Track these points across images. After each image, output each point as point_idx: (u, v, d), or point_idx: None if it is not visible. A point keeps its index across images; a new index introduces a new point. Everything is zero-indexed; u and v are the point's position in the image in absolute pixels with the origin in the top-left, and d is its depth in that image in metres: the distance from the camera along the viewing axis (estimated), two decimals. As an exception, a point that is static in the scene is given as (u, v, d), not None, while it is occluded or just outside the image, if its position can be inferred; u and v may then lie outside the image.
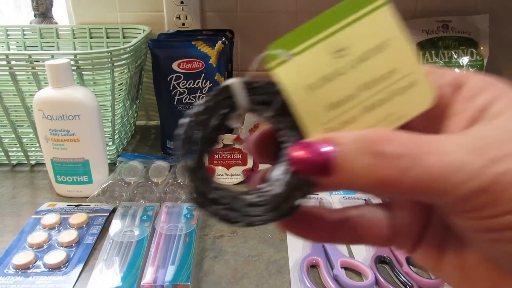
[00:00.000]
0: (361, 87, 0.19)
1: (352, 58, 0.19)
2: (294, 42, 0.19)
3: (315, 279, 0.46)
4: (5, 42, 0.83)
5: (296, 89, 0.19)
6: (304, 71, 0.19)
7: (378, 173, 0.16)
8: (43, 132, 0.57)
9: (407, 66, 0.19)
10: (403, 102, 0.19)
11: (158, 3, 0.83)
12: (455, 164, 0.15)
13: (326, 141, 0.18)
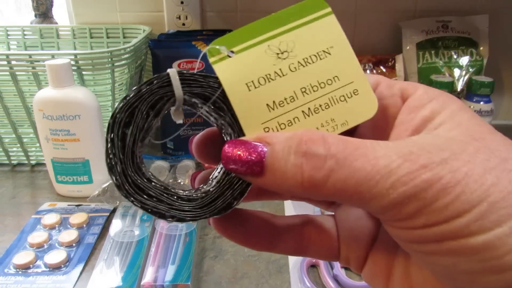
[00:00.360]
0: (302, 90, 0.19)
1: (294, 61, 0.19)
2: (238, 39, 0.19)
3: (315, 279, 0.46)
4: (5, 42, 0.83)
5: (235, 86, 0.19)
6: (245, 69, 0.19)
7: (304, 173, 0.16)
8: (44, 132, 0.57)
9: (350, 74, 0.19)
10: (346, 110, 0.19)
11: (158, 3, 0.83)
12: (383, 168, 0.15)
13: (259, 140, 0.17)
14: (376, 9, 0.82)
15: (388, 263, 0.20)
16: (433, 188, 0.14)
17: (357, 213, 0.22)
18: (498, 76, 0.87)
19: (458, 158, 0.15)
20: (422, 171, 0.14)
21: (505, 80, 0.88)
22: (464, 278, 0.15)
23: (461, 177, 0.14)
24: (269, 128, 0.19)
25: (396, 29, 0.83)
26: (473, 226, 0.14)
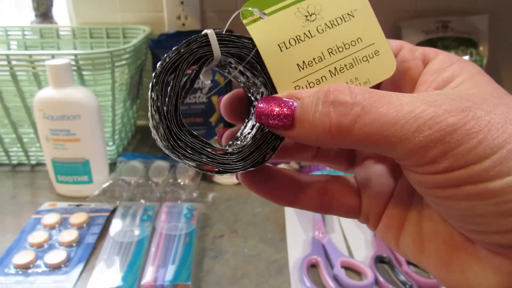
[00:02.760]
0: (329, 50, 0.20)
1: (321, 23, 0.20)
2: (269, 2, 0.20)
3: (315, 279, 0.46)
4: (5, 42, 0.83)
5: (268, 46, 0.20)
6: (276, 30, 0.20)
7: (332, 120, 0.16)
8: (44, 132, 0.57)
9: (372, 36, 0.21)
10: (368, 69, 0.20)
11: (158, 3, 0.83)
12: (408, 113, 0.15)
13: (290, 96, 0.19)
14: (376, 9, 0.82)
15: (401, 216, 0.21)
16: (458, 133, 0.15)
17: (377, 171, 0.23)
18: (498, 76, 0.87)
19: (481, 107, 0.15)
20: (447, 115, 0.15)
21: (505, 80, 0.88)
22: (479, 221, 0.16)
23: (484, 124, 0.15)
24: (299, 86, 0.20)
25: (396, 29, 0.83)
26: (492, 171, 0.15)
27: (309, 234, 0.52)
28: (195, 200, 0.60)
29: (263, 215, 0.57)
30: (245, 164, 0.20)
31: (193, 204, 0.57)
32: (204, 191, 0.63)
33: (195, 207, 0.56)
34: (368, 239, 0.52)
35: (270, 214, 0.58)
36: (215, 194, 0.63)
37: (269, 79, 0.20)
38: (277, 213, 0.58)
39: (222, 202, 0.61)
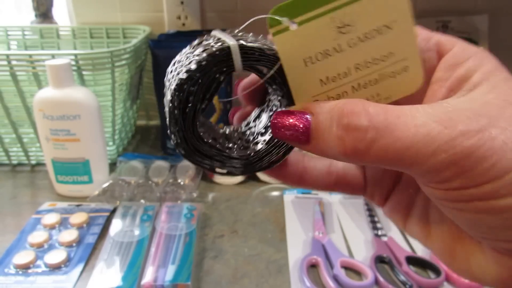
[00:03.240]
0: (356, 66, 0.19)
1: (353, 36, 0.18)
2: (300, 9, 0.18)
3: (315, 279, 0.46)
4: (5, 42, 0.83)
5: (293, 60, 0.19)
6: (304, 43, 0.18)
7: (347, 144, 0.16)
8: (44, 132, 0.57)
9: (406, 51, 0.19)
10: (392, 85, 0.19)
11: (158, 3, 0.83)
12: (423, 137, 0.15)
13: (304, 109, 0.18)
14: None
15: (409, 202, 0.21)
16: (472, 157, 0.15)
17: None
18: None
19: (496, 124, 0.15)
20: (461, 139, 0.15)
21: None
22: (487, 230, 0.16)
23: (499, 145, 0.15)
24: (318, 101, 0.19)
25: (396, 29, 0.83)
26: (503, 190, 0.15)
27: (309, 234, 0.52)
28: (195, 200, 0.60)
29: (263, 215, 0.57)
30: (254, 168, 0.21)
31: (193, 204, 0.57)
32: (204, 191, 0.63)
33: (195, 207, 0.56)
34: (368, 239, 0.52)
35: (270, 214, 0.58)
36: (215, 194, 0.63)
37: (288, 91, 0.20)
38: (277, 213, 0.58)
39: (222, 202, 0.61)
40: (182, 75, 0.19)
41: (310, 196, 0.61)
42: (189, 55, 0.20)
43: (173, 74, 0.20)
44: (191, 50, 0.20)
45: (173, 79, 0.20)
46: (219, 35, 0.20)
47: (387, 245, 0.50)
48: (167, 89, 0.21)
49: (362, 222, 0.55)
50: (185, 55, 0.21)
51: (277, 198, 0.61)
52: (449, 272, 0.45)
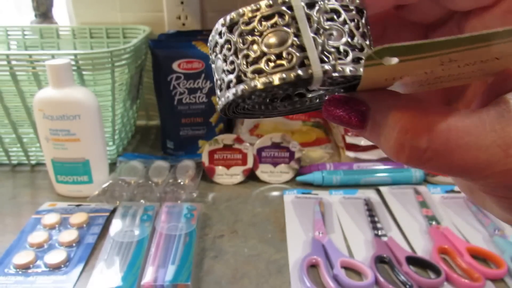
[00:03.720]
0: (446, 77, 0.17)
1: (454, 66, 0.16)
2: (413, 52, 0.15)
3: (315, 279, 0.46)
4: (5, 42, 0.83)
5: (374, 79, 0.16)
6: (397, 71, 0.16)
7: (401, 155, 0.16)
8: (44, 132, 0.57)
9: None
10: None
11: (158, 3, 0.83)
12: (483, 162, 0.15)
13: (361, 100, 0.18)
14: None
15: None
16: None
17: None
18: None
19: None
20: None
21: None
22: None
23: None
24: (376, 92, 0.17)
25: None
26: None
27: (309, 234, 0.52)
28: (195, 200, 0.60)
29: (263, 215, 0.57)
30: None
31: (193, 204, 0.57)
32: (204, 191, 0.63)
33: (195, 207, 0.56)
34: (368, 239, 0.52)
35: (270, 214, 0.58)
36: (215, 194, 0.63)
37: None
38: (277, 213, 0.58)
39: (222, 202, 0.61)
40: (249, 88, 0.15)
41: (310, 196, 0.61)
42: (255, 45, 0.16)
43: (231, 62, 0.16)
44: (258, 32, 0.16)
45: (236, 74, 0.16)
46: (297, 30, 0.15)
47: (387, 245, 0.50)
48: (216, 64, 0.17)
49: (362, 222, 0.55)
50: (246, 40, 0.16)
51: (277, 198, 0.61)
52: (449, 272, 0.45)
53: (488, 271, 0.45)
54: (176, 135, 0.73)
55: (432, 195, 0.61)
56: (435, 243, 0.50)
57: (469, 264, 0.46)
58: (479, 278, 0.44)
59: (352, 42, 0.16)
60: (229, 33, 0.16)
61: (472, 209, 0.57)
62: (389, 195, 0.61)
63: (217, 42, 0.17)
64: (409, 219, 0.56)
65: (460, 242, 0.50)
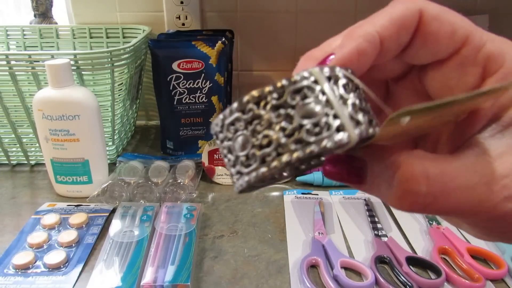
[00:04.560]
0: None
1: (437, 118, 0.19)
2: (424, 114, 0.17)
3: (315, 279, 0.45)
4: (5, 42, 0.83)
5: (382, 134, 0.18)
6: (404, 127, 0.18)
7: (403, 203, 0.18)
8: (43, 132, 0.57)
9: None
10: None
11: (158, 3, 0.83)
12: (473, 201, 0.17)
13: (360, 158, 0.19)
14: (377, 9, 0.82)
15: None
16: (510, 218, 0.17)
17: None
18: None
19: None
20: (503, 205, 0.17)
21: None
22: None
23: None
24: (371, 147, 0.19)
25: (396, 29, 0.83)
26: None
27: (309, 235, 0.52)
28: (195, 200, 0.60)
29: (263, 215, 0.57)
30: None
31: (193, 204, 0.57)
32: (204, 191, 0.63)
33: (195, 207, 0.56)
34: (368, 239, 0.52)
35: (270, 214, 0.57)
36: (215, 194, 0.63)
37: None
38: (277, 213, 0.58)
39: (222, 202, 0.61)
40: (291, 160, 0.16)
41: (310, 196, 0.61)
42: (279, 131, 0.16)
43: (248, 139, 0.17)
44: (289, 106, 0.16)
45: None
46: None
47: (387, 246, 0.49)
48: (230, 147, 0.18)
49: (362, 222, 0.55)
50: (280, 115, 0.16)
51: (277, 198, 0.61)
52: (450, 272, 0.45)
53: (488, 272, 0.45)
54: (176, 135, 0.73)
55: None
56: (435, 243, 0.50)
57: (469, 264, 0.46)
58: (479, 279, 0.44)
59: (364, 107, 0.17)
60: (258, 108, 0.17)
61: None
62: (389, 195, 0.61)
63: (238, 118, 0.17)
64: (409, 219, 0.56)
65: (460, 242, 0.49)
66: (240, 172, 0.17)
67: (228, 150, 0.18)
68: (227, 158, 0.18)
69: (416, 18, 0.18)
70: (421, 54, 0.19)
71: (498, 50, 0.18)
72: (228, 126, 0.17)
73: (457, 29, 0.18)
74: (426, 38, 0.19)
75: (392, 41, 0.18)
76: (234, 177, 0.18)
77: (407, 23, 0.18)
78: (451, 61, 0.19)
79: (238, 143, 0.17)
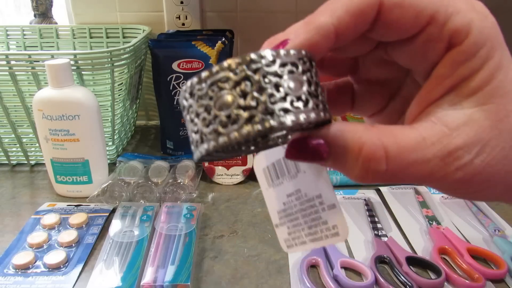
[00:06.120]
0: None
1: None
2: None
3: (315, 279, 0.45)
4: (5, 42, 0.83)
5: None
6: None
7: (365, 178, 0.19)
8: (43, 132, 0.57)
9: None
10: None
11: (158, 3, 0.83)
12: (428, 172, 0.18)
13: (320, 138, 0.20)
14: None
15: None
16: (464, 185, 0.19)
17: (374, 89, 0.25)
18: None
19: (483, 151, 0.18)
20: (455, 174, 0.18)
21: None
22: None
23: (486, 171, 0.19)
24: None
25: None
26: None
27: (309, 235, 0.52)
28: (195, 200, 0.60)
29: (263, 215, 0.57)
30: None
31: (193, 204, 0.57)
32: (204, 191, 0.63)
33: (195, 207, 0.56)
34: (368, 239, 0.52)
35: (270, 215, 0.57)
36: (215, 194, 0.63)
37: None
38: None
39: (222, 202, 0.61)
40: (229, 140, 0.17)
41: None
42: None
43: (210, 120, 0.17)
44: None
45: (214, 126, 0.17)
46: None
47: (387, 245, 0.49)
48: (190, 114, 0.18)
49: (362, 222, 0.55)
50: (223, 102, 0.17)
51: (277, 198, 0.61)
52: (450, 272, 0.45)
53: (488, 272, 0.45)
54: (176, 135, 0.73)
55: (432, 195, 0.61)
56: (435, 243, 0.50)
57: (469, 264, 0.46)
58: (479, 279, 0.44)
59: (310, 90, 0.18)
60: (190, 98, 0.18)
61: (472, 210, 0.57)
62: (389, 195, 0.61)
63: (184, 105, 0.19)
64: (409, 219, 0.56)
65: (460, 242, 0.49)
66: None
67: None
68: (200, 117, 0.18)
69: (376, 7, 0.19)
70: (384, 36, 0.20)
71: (463, 22, 0.18)
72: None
73: (421, 10, 0.18)
74: (387, 25, 0.19)
75: (349, 31, 0.19)
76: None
77: (364, 14, 0.19)
78: (417, 38, 0.19)
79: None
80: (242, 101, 0.17)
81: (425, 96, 0.20)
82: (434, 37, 0.19)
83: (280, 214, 0.24)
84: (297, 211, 0.23)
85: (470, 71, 0.18)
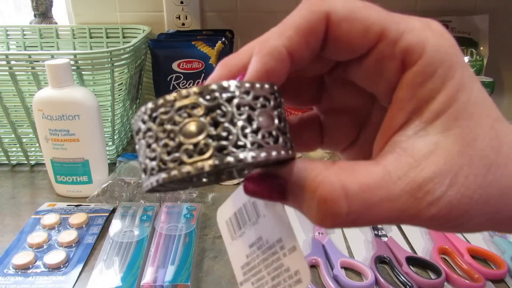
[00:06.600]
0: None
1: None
2: None
3: (315, 279, 0.45)
4: (5, 42, 0.83)
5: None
6: None
7: (326, 222, 0.17)
8: (43, 132, 0.57)
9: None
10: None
11: (158, 3, 0.83)
12: (397, 211, 0.17)
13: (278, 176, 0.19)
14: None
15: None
16: (437, 220, 0.17)
17: (342, 119, 0.24)
18: (498, 76, 0.87)
19: (454, 182, 0.17)
20: (427, 210, 0.17)
21: (505, 80, 0.88)
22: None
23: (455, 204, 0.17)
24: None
25: (396, 29, 0.83)
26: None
27: (309, 235, 0.52)
28: (195, 200, 0.60)
29: (263, 215, 0.57)
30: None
31: (193, 204, 0.57)
32: (204, 191, 0.63)
33: (195, 207, 0.56)
34: (368, 239, 0.52)
35: (270, 214, 0.57)
36: (215, 194, 0.63)
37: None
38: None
39: (222, 202, 0.60)
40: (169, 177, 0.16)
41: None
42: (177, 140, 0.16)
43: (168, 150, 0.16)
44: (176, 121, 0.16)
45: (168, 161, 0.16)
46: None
47: (387, 245, 0.49)
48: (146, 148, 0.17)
49: (362, 222, 0.55)
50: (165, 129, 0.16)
51: (277, 198, 0.61)
52: (450, 272, 0.45)
53: (488, 272, 0.45)
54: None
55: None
56: (435, 243, 0.50)
57: (469, 264, 0.46)
58: (479, 279, 0.44)
59: (280, 126, 0.17)
60: (150, 120, 0.17)
61: (472, 209, 0.57)
62: (389, 195, 0.61)
63: (140, 128, 0.17)
64: (409, 219, 0.56)
65: (460, 242, 0.49)
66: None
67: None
68: (160, 143, 0.16)
69: (323, 22, 0.18)
70: (337, 53, 0.19)
71: (417, 40, 0.17)
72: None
73: (370, 25, 0.17)
74: (336, 40, 0.18)
75: (302, 50, 0.18)
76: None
77: (313, 30, 0.18)
78: (370, 56, 0.18)
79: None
80: (212, 130, 0.16)
81: (389, 123, 0.18)
82: (386, 55, 0.18)
83: (244, 269, 0.23)
84: (259, 262, 0.22)
85: (430, 92, 0.17)
